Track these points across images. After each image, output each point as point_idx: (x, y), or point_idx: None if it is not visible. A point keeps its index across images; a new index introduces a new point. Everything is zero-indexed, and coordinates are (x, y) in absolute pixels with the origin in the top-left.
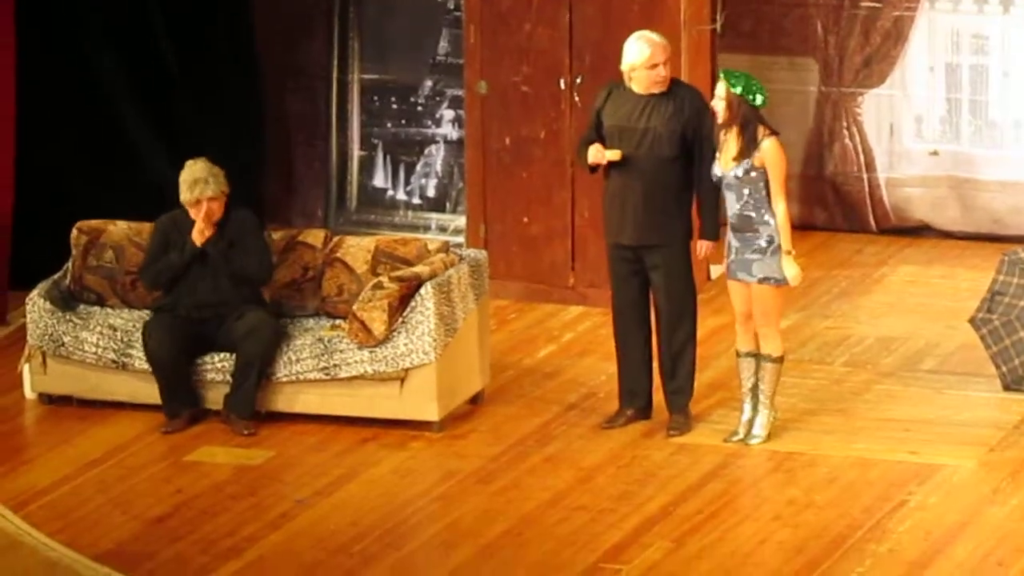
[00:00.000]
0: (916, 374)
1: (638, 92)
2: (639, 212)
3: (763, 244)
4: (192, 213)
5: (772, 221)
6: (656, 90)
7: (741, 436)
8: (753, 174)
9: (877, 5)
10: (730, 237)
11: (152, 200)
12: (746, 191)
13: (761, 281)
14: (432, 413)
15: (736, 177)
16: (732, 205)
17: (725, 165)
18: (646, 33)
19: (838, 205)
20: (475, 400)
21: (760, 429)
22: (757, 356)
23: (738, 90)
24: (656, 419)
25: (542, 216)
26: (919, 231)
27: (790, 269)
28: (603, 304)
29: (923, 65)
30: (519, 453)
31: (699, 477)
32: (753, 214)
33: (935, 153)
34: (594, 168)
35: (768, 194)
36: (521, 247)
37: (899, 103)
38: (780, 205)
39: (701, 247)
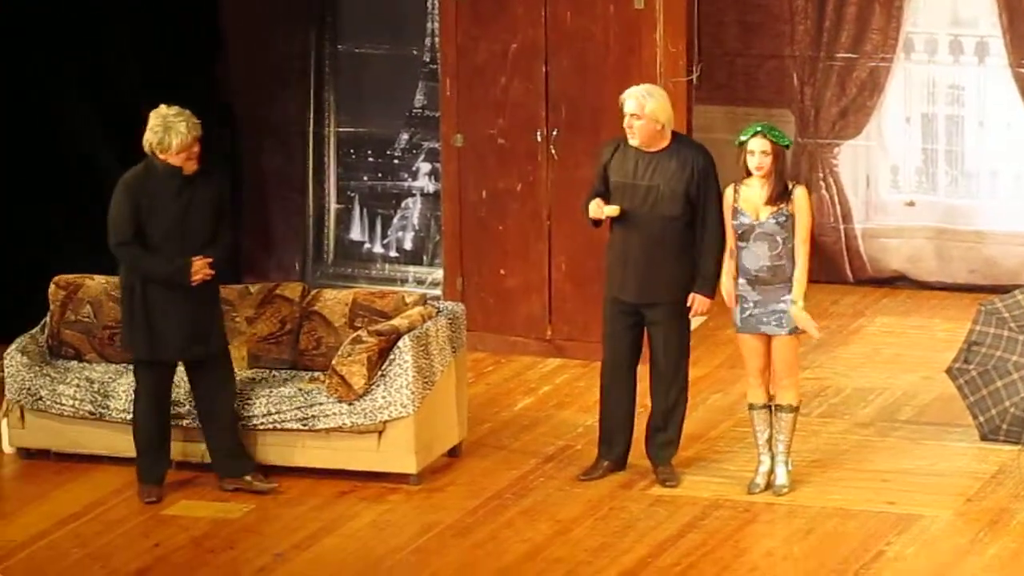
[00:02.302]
0: (893, 424)
1: (642, 149)
2: (640, 269)
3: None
4: (180, 159)
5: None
6: (632, 142)
7: (762, 487)
8: (789, 222)
9: (853, 56)
10: (747, 290)
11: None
12: (781, 240)
13: (792, 332)
14: (410, 466)
15: (776, 224)
16: (762, 256)
17: (755, 214)
18: (644, 85)
19: (815, 256)
20: (453, 453)
21: (785, 479)
22: (770, 408)
23: (784, 142)
24: (633, 470)
25: (519, 269)
26: (896, 282)
27: (808, 321)
28: (580, 356)
29: (899, 116)
30: (497, 506)
31: (677, 528)
32: (786, 263)
33: (911, 204)
34: (597, 223)
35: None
36: (498, 300)
37: (875, 154)
38: (805, 255)
39: (696, 301)
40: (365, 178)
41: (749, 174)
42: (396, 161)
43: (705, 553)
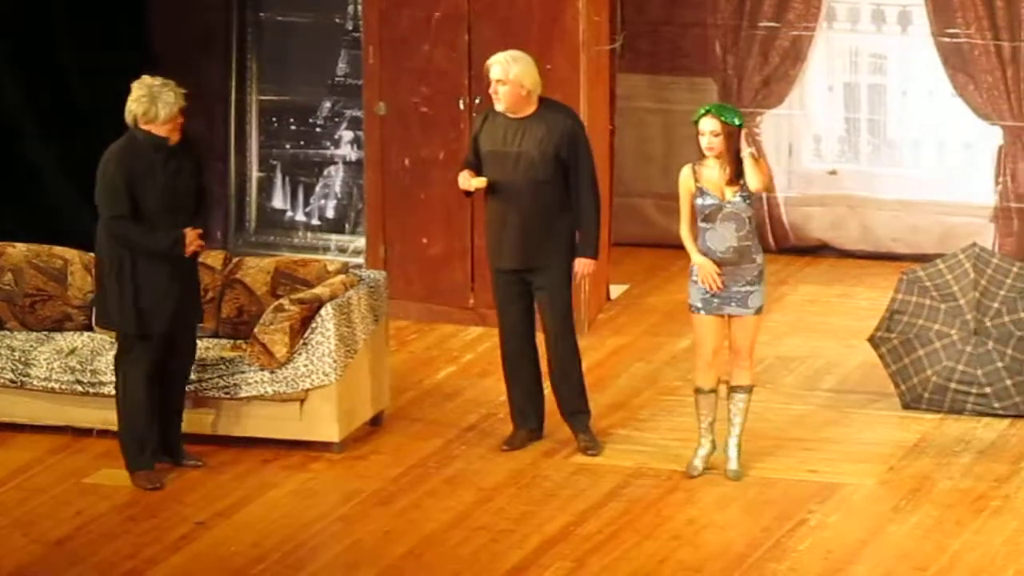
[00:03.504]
0: (816, 393)
1: (510, 116)
2: (518, 236)
3: (756, 274)
4: (167, 129)
5: (761, 249)
6: (498, 108)
7: (701, 470)
8: (751, 201)
9: (775, 25)
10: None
11: (51, 221)
12: (747, 218)
13: (757, 311)
14: (332, 434)
15: (743, 202)
16: (729, 236)
17: (721, 193)
18: (510, 51)
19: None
20: (375, 421)
21: (737, 462)
22: (716, 391)
23: (736, 121)
24: (554, 438)
25: (441, 237)
26: (818, 250)
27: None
28: None
29: (822, 85)
30: (420, 474)
31: (599, 497)
32: (752, 244)
33: (834, 172)
34: (468, 193)
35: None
36: (420, 268)
37: (798, 123)
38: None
39: (581, 265)
40: (287, 146)
41: (705, 155)
42: (319, 129)
43: (628, 521)
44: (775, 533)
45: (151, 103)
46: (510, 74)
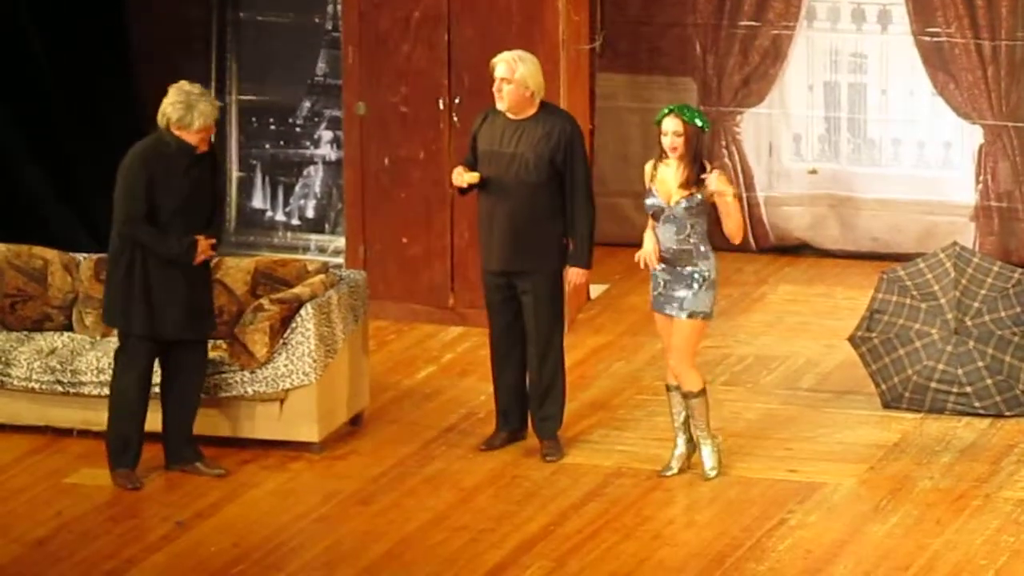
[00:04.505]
0: (796, 392)
1: (510, 116)
2: (506, 238)
3: (697, 278)
4: (198, 138)
5: (711, 255)
6: (499, 107)
7: (675, 471)
8: (700, 207)
9: (755, 24)
10: (658, 269)
11: (30, 222)
12: (691, 224)
13: (691, 316)
14: (312, 434)
15: (685, 209)
16: (670, 238)
17: (667, 197)
18: (516, 51)
19: (716, 224)
20: (355, 421)
21: (711, 461)
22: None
23: (698, 122)
24: (534, 439)
25: (421, 237)
26: (798, 250)
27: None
28: (482, 324)
29: (802, 84)
30: (399, 474)
31: (579, 497)
32: (692, 248)
33: (814, 172)
34: (463, 191)
35: (706, 228)
36: (400, 268)
37: (778, 122)
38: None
39: (572, 274)
40: (267, 146)
41: (666, 155)
42: (298, 129)
43: (607, 521)
44: (755, 533)
45: (187, 110)
46: (515, 73)
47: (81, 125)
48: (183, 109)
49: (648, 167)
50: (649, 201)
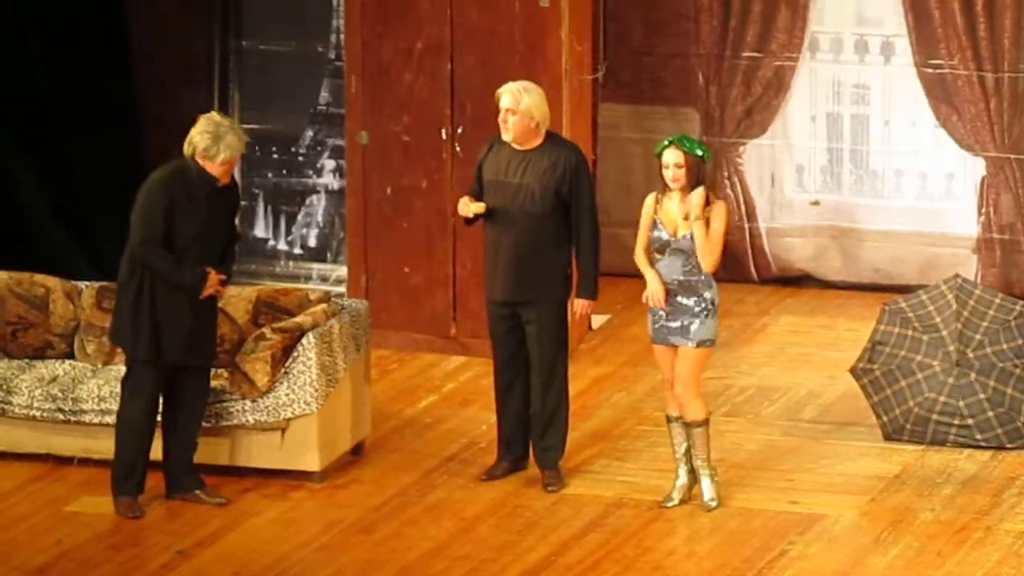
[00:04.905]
0: (797, 424)
1: (515, 147)
2: (511, 267)
3: (703, 307)
4: (221, 170)
5: (713, 283)
6: (505, 138)
7: (676, 502)
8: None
9: (758, 55)
10: (665, 309)
11: (32, 250)
12: (695, 255)
13: (699, 345)
14: (313, 463)
15: (692, 242)
16: (675, 270)
17: (673, 230)
18: (521, 81)
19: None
20: (356, 450)
21: (711, 492)
22: (683, 419)
23: (699, 152)
24: (536, 469)
25: (423, 266)
26: (800, 281)
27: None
28: (484, 354)
29: (804, 115)
30: (401, 503)
31: (581, 527)
32: (696, 278)
33: (816, 203)
34: (468, 221)
35: None
36: (402, 297)
37: (780, 153)
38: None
39: (579, 306)
40: (270, 175)
41: (669, 187)
42: (301, 158)
43: (608, 552)
44: (756, 564)
45: (214, 141)
46: (520, 104)
47: (81, 125)
48: (210, 140)
49: (649, 201)
50: (656, 234)
